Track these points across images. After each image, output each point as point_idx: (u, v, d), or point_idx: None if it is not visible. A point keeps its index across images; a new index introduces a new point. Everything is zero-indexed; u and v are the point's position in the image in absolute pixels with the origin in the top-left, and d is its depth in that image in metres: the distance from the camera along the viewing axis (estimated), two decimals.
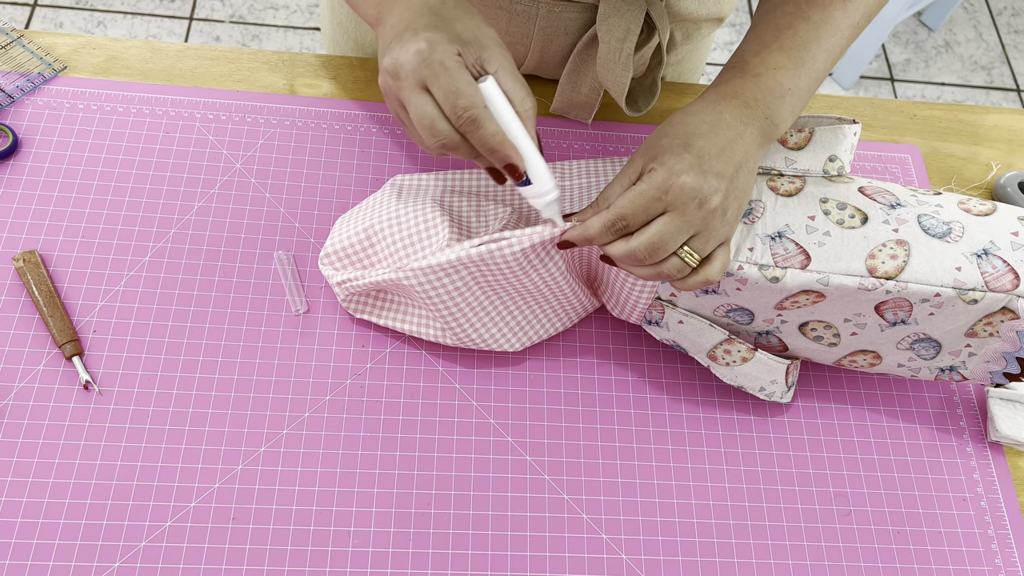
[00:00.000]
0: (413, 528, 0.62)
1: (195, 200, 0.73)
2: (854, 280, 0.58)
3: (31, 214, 0.71)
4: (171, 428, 0.64)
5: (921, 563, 0.65)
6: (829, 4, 0.61)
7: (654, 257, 0.55)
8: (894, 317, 0.61)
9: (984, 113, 0.90)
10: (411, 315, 0.67)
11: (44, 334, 0.66)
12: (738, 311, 0.63)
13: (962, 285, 0.58)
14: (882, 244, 0.59)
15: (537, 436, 0.67)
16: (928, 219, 0.61)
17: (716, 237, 0.56)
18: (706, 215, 0.54)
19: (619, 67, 0.70)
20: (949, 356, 0.64)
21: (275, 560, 0.60)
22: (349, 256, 0.66)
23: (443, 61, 0.53)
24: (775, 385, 0.66)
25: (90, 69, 0.79)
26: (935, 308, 0.59)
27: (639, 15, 0.67)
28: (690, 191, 0.54)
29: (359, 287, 0.65)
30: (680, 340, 0.66)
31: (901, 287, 0.58)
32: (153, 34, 2.04)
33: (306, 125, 0.78)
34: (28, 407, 0.63)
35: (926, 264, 0.58)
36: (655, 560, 0.63)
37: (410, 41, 0.54)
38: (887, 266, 0.58)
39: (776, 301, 0.61)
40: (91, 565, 0.59)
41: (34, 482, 0.61)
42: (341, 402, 0.66)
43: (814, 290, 0.59)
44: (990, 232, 0.60)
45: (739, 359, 0.64)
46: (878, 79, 2.23)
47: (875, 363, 0.66)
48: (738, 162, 0.56)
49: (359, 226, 0.65)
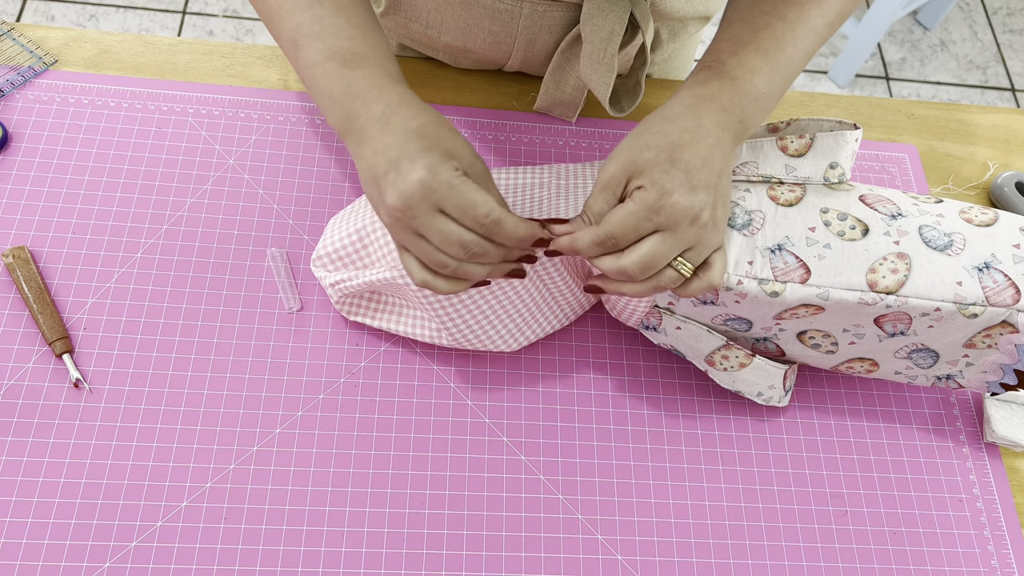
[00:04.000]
0: (407, 528, 0.62)
1: (187, 196, 0.72)
2: (854, 295, 0.58)
3: (21, 209, 0.70)
4: (162, 427, 0.63)
5: (917, 564, 0.65)
6: (806, 3, 0.61)
7: (646, 274, 0.55)
8: (893, 329, 0.60)
9: (981, 113, 0.90)
10: (406, 316, 0.66)
11: (34, 331, 0.65)
12: (736, 320, 0.62)
13: (963, 300, 0.58)
14: (883, 258, 0.58)
15: (532, 435, 0.66)
16: (930, 230, 0.60)
17: (708, 247, 0.56)
18: (698, 230, 0.54)
19: (603, 67, 0.69)
20: (947, 365, 0.64)
21: (267, 560, 0.60)
22: (342, 258, 0.65)
23: (449, 181, 0.53)
24: (773, 390, 0.65)
25: (81, 63, 0.78)
26: (935, 322, 0.59)
27: (623, 15, 0.67)
28: (682, 210, 0.53)
29: (353, 287, 0.64)
30: (678, 345, 0.66)
31: (901, 302, 0.58)
32: (146, 28, 2.02)
33: (300, 121, 0.78)
34: (17, 405, 0.63)
35: (927, 279, 0.58)
36: (650, 560, 0.63)
37: (409, 171, 0.53)
38: (888, 280, 0.58)
39: (775, 313, 0.60)
40: (81, 565, 0.58)
41: (23, 481, 0.60)
42: (335, 401, 0.66)
43: (813, 304, 0.59)
44: (992, 244, 0.60)
45: (737, 364, 0.64)
46: (874, 78, 2.23)
47: (872, 370, 0.66)
48: (719, 168, 0.56)
49: (351, 227, 0.65)
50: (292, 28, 0.60)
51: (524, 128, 0.81)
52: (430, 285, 0.56)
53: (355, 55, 0.59)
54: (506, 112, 0.81)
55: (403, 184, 0.53)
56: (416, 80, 0.82)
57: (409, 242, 0.55)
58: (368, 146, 0.56)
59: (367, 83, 0.58)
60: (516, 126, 0.81)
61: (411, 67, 0.83)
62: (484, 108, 0.81)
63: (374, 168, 0.55)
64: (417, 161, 0.53)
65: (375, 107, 0.56)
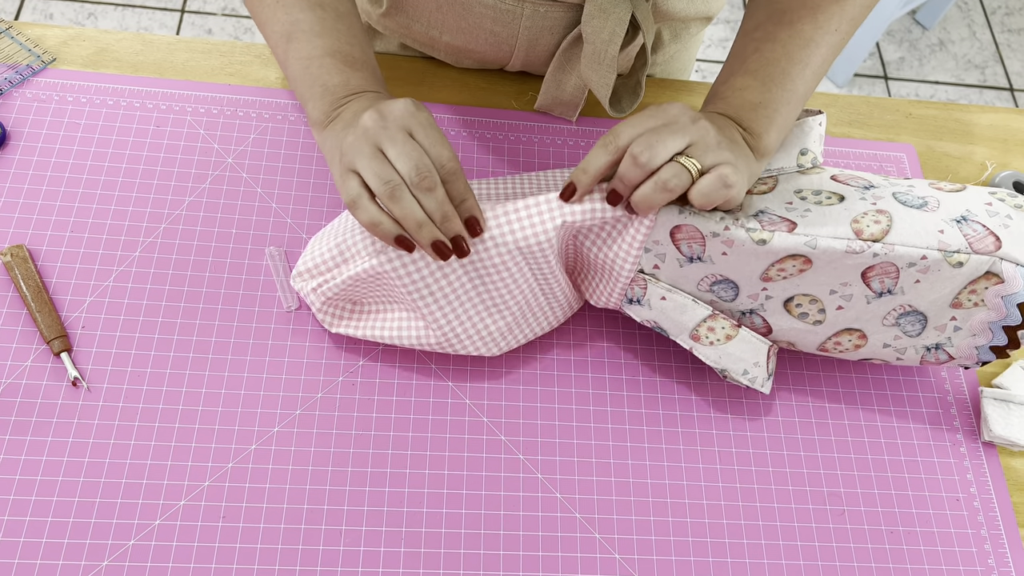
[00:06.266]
0: (405, 527, 0.62)
1: (185, 195, 0.72)
2: (841, 243, 0.59)
3: (19, 208, 0.70)
4: (161, 425, 0.63)
5: (914, 563, 0.65)
6: (797, 21, 0.63)
7: (648, 153, 0.56)
8: (880, 286, 0.61)
9: (979, 112, 0.90)
10: (390, 320, 0.65)
11: (32, 330, 0.65)
12: (723, 283, 0.62)
13: (947, 247, 0.58)
14: (863, 212, 0.60)
15: (530, 435, 0.66)
16: (903, 195, 0.62)
17: (713, 152, 0.56)
18: (700, 128, 0.57)
19: (604, 67, 0.70)
20: (935, 332, 0.64)
21: (265, 559, 0.60)
22: (323, 273, 0.65)
23: (429, 119, 0.57)
24: (758, 368, 0.65)
25: (80, 61, 0.78)
26: (921, 274, 0.59)
27: (624, 16, 0.67)
28: (681, 108, 0.58)
29: (335, 287, 0.63)
30: (662, 320, 0.65)
31: (888, 249, 0.58)
32: (144, 26, 2.02)
33: (299, 119, 0.78)
34: (15, 404, 0.63)
35: (909, 228, 0.59)
36: (648, 560, 0.63)
37: (394, 101, 0.58)
38: (872, 229, 0.59)
39: (762, 269, 0.60)
40: (79, 563, 0.58)
41: (21, 479, 0.60)
42: (333, 400, 0.66)
43: (801, 254, 0.59)
44: (965, 203, 0.62)
45: (723, 336, 0.64)
46: (872, 77, 2.23)
47: (860, 344, 0.66)
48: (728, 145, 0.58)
49: (331, 242, 0.64)
50: (289, 22, 0.63)
51: (524, 128, 0.81)
52: (359, 204, 0.56)
53: (355, 59, 0.63)
54: (506, 112, 0.81)
55: (386, 106, 0.57)
56: (416, 79, 0.83)
57: (363, 160, 0.56)
58: (351, 107, 0.60)
59: (364, 82, 0.62)
60: (516, 125, 0.81)
61: (411, 66, 0.83)
62: (484, 107, 0.81)
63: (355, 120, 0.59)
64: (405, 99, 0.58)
65: (368, 101, 0.60)
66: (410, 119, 0.57)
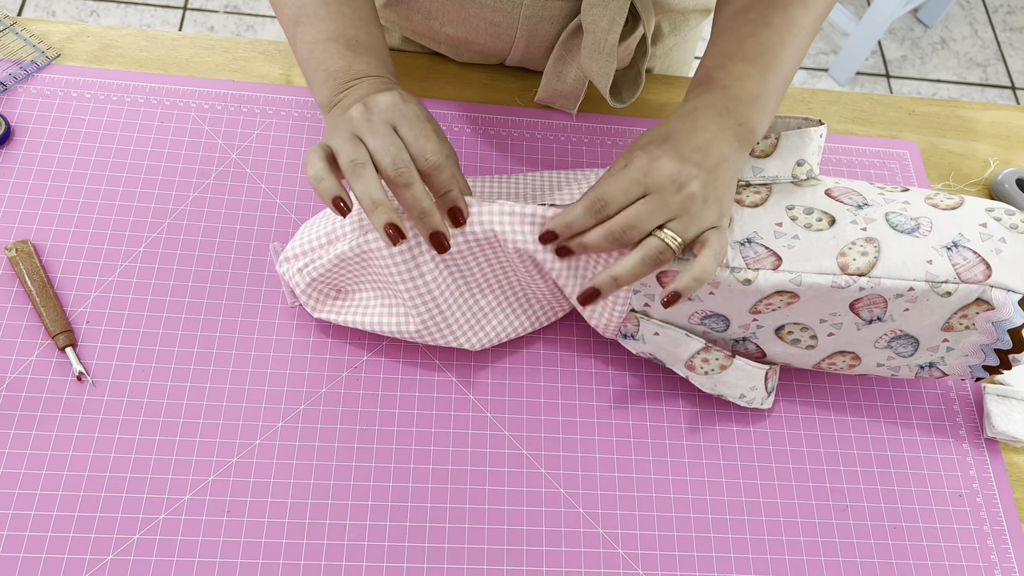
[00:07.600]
0: (409, 521, 0.62)
1: (190, 191, 0.73)
2: (826, 279, 0.58)
3: (24, 203, 0.70)
4: (165, 420, 0.63)
5: (917, 559, 0.65)
6: (790, 5, 0.62)
7: (628, 234, 0.56)
8: (869, 315, 0.60)
9: (982, 110, 0.90)
10: (372, 307, 0.65)
11: (37, 325, 0.65)
12: (713, 317, 0.62)
13: (934, 278, 0.58)
14: (851, 243, 0.59)
15: (534, 430, 0.67)
16: (896, 216, 0.61)
17: (697, 221, 0.56)
18: (684, 199, 0.56)
19: (604, 57, 0.70)
20: (928, 352, 0.64)
21: (270, 553, 0.60)
22: (307, 253, 0.64)
23: (417, 112, 0.58)
24: (755, 391, 0.65)
25: (84, 57, 0.78)
26: (910, 303, 0.59)
27: (624, 5, 0.67)
28: (668, 174, 0.56)
29: (320, 267, 0.63)
30: (657, 352, 0.65)
31: (874, 283, 0.58)
32: (147, 23, 2.02)
33: (302, 115, 0.78)
34: (21, 398, 0.63)
35: (896, 259, 0.58)
36: (651, 554, 0.63)
37: (386, 92, 0.58)
38: (858, 263, 0.58)
39: (750, 304, 0.60)
40: (84, 558, 0.58)
41: (26, 473, 0.60)
42: (337, 395, 0.66)
43: (787, 290, 0.59)
44: (958, 225, 0.60)
45: (718, 367, 0.64)
46: (874, 75, 2.23)
47: (854, 364, 0.66)
48: (716, 160, 0.58)
49: (321, 230, 0.64)
50: (297, 6, 0.63)
51: (525, 123, 0.81)
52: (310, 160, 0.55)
53: (359, 43, 0.63)
54: (507, 107, 0.81)
55: (372, 99, 0.57)
56: (418, 75, 0.83)
57: (338, 140, 0.56)
58: (355, 92, 0.60)
59: (368, 67, 0.62)
60: (517, 121, 0.81)
61: (413, 62, 0.83)
62: (485, 103, 0.82)
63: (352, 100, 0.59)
64: (395, 90, 0.58)
65: (370, 86, 0.60)
66: (395, 112, 0.57)
